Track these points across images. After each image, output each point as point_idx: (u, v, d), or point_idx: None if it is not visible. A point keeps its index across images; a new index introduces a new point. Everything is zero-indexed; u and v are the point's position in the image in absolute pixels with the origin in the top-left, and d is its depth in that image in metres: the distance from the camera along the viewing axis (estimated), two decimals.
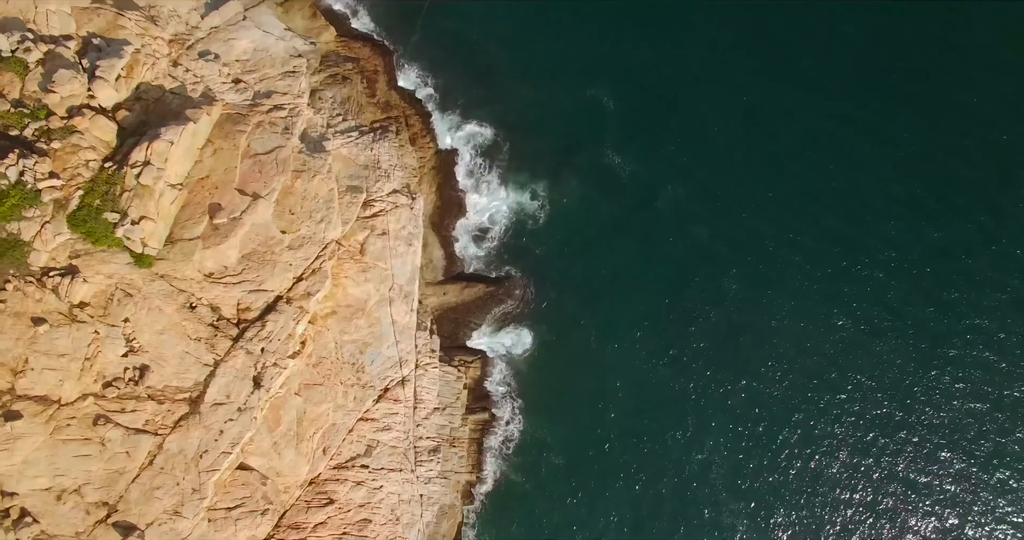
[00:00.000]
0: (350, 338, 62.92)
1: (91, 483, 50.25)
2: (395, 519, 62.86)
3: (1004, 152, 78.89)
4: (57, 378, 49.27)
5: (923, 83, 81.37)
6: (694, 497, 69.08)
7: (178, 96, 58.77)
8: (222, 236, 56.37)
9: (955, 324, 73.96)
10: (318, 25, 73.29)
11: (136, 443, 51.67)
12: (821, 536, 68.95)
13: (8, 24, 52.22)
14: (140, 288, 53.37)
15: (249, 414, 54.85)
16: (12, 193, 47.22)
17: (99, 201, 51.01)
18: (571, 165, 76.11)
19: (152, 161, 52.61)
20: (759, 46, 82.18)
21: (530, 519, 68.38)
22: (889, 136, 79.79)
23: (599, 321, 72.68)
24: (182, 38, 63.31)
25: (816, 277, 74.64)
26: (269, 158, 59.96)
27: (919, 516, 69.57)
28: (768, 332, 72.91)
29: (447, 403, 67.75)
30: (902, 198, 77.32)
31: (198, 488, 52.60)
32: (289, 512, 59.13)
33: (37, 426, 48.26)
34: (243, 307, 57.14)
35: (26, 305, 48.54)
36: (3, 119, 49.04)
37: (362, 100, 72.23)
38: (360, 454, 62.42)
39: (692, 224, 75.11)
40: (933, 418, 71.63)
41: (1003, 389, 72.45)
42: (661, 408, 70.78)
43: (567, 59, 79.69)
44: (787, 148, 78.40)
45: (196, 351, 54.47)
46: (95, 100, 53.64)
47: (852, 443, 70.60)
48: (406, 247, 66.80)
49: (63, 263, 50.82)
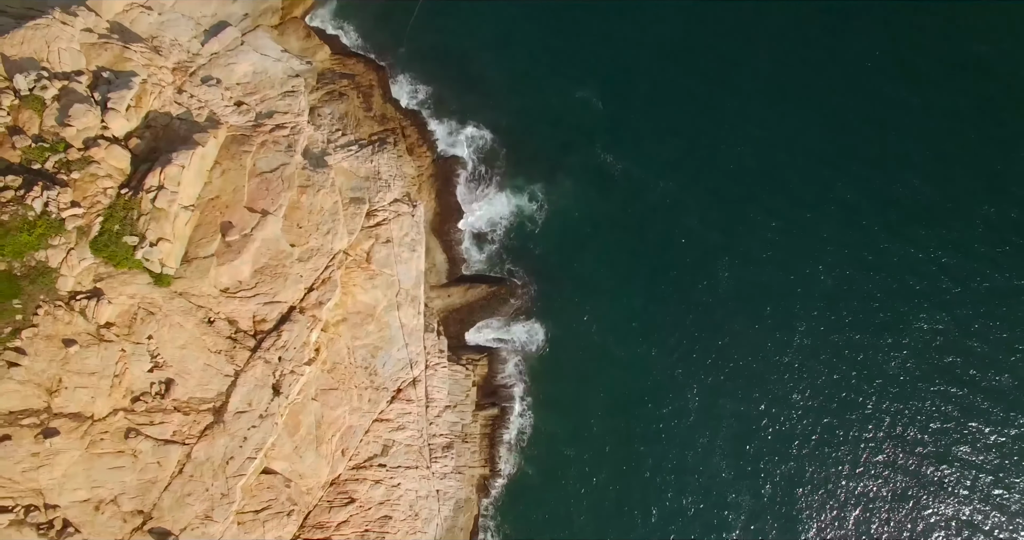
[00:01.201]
0: (361, 343, 63.99)
1: (126, 493, 51.41)
2: (414, 515, 64.17)
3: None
4: (89, 395, 50.42)
5: (901, 77, 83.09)
6: (699, 478, 70.29)
7: (185, 121, 59.89)
8: (235, 252, 57.33)
9: (948, 306, 75.27)
10: (313, 45, 74.44)
11: (166, 453, 52.87)
12: (821, 510, 69.98)
13: (24, 64, 53.59)
14: (161, 306, 54.44)
15: (270, 420, 56.12)
16: (39, 223, 48.65)
17: (118, 226, 52.34)
18: (564, 166, 77.26)
19: (166, 185, 53.92)
20: (741, 41, 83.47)
21: (544, 508, 69.47)
22: (873, 119, 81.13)
23: (600, 314, 73.79)
24: (185, 65, 64.35)
25: (807, 261, 75.93)
26: (275, 175, 61.08)
27: (921, 496, 70.77)
28: (763, 317, 74.16)
29: (457, 401, 68.99)
30: (886, 179, 78.79)
31: (226, 493, 53.80)
32: (313, 512, 60.39)
33: (73, 441, 49.52)
34: (259, 319, 58.25)
35: (57, 328, 49.66)
36: (26, 154, 50.38)
37: (359, 114, 73.30)
38: (377, 454, 63.67)
39: (683, 215, 76.41)
40: (929, 397, 72.77)
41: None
42: (664, 395, 72.00)
43: (554, 63, 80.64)
44: (772, 139, 79.62)
45: (217, 363, 55.65)
46: (109, 130, 54.81)
47: (850, 421, 71.84)
48: (410, 253, 68.01)
49: (88, 286, 52.01)
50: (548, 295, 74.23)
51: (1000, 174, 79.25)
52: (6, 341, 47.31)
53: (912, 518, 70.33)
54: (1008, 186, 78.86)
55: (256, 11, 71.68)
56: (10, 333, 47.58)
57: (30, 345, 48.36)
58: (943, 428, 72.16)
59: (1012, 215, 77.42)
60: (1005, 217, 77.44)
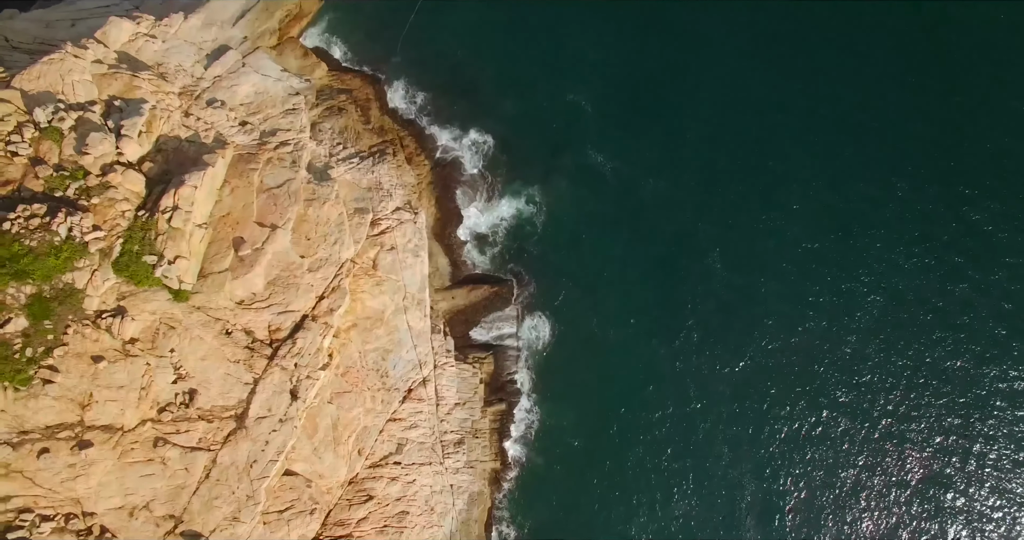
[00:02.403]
0: (372, 347, 65.36)
1: (157, 499, 52.48)
2: (430, 509, 65.58)
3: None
4: (119, 408, 51.54)
5: (895, 69, 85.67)
6: (702, 461, 72.19)
7: (193, 143, 60.92)
8: (248, 266, 58.42)
9: (940, 293, 77.56)
10: (310, 63, 75.56)
11: (193, 460, 53.99)
12: (820, 489, 72.02)
13: (42, 97, 54.77)
14: (181, 321, 55.53)
15: (290, 424, 57.20)
16: (64, 247, 49.94)
17: (138, 246, 53.52)
18: (558, 167, 78.90)
19: (180, 205, 55.08)
20: (721, 41, 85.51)
21: (554, 498, 71.07)
22: (859, 110, 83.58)
23: (599, 309, 75.40)
24: (190, 90, 65.37)
25: (795, 251, 78.04)
26: (281, 191, 62.20)
27: (919, 476, 72.77)
28: (755, 305, 76.11)
29: (466, 398, 70.37)
30: (874, 172, 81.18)
31: (251, 495, 54.90)
32: (333, 510, 61.63)
33: (106, 452, 50.65)
34: (274, 328, 59.39)
35: (86, 345, 50.80)
36: (48, 182, 51.72)
37: (358, 128, 74.62)
38: (392, 452, 65.04)
39: (675, 210, 78.21)
40: (926, 378, 74.95)
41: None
42: (665, 384, 73.66)
43: (542, 69, 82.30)
44: (757, 135, 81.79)
45: (236, 372, 56.87)
46: (123, 156, 55.98)
47: (844, 402, 73.79)
48: (414, 258, 69.38)
49: (112, 305, 53.11)
50: (548, 293, 75.70)
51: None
52: (40, 360, 48.63)
53: (913, 499, 72.29)
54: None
55: (255, 34, 72.54)
56: (43, 352, 48.86)
57: (62, 363, 49.60)
58: (941, 415, 74.06)
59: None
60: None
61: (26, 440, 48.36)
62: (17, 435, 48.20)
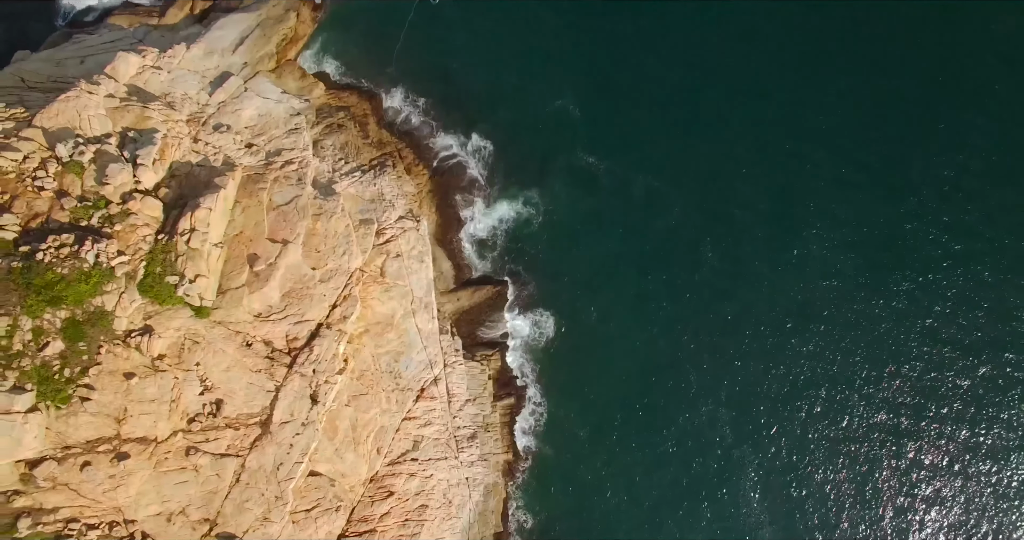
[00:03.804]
0: (384, 350, 67.36)
1: (192, 504, 54.63)
2: (448, 502, 68.03)
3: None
4: (151, 421, 53.61)
5: (867, 68, 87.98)
6: (705, 443, 74.86)
7: (204, 167, 62.58)
8: (263, 281, 60.26)
9: (923, 277, 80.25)
10: (308, 83, 77.18)
11: (223, 466, 56.15)
12: (818, 465, 74.78)
13: (62, 134, 56.84)
14: (204, 336, 57.55)
15: (312, 427, 59.22)
16: (93, 273, 52.12)
17: (160, 268, 55.55)
18: (552, 170, 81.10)
19: (196, 227, 57.00)
20: (698, 39, 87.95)
21: (566, 485, 73.58)
22: (841, 105, 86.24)
23: (599, 302, 77.83)
24: (197, 116, 66.99)
25: (783, 237, 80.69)
26: (290, 207, 63.81)
27: (910, 450, 75.83)
28: (748, 292, 78.76)
29: (476, 394, 72.52)
30: (856, 162, 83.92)
31: (280, 496, 57.04)
32: (357, 507, 63.96)
33: (143, 462, 52.79)
34: (291, 338, 61.23)
35: (118, 364, 52.90)
36: (73, 213, 54.04)
37: (358, 142, 76.29)
38: (409, 449, 67.35)
39: (666, 205, 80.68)
40: (925, 357, 77.95)
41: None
42: (665, 371, 76.19)
43: (530, 77, 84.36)
44: (741, 127, 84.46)
45: (259, 381, 58.85)
46: (141, 184, 58.05)
47: (840, 381, 76.78)
48: (419, 264, 71.30)
49: (139, 324, 55.09)
50: (549, 290, 78.07)
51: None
52: (77, 379, 51.03)
53: (921, 487, 75.40)
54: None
55: (254, 59, 74.32)
56: (80, 372, 51.23)
57: (97, 381, 51.83)
58: (947, 398, 77.16)
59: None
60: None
61: (69, 455, 50.74)
62: (61, 450, 50.58)
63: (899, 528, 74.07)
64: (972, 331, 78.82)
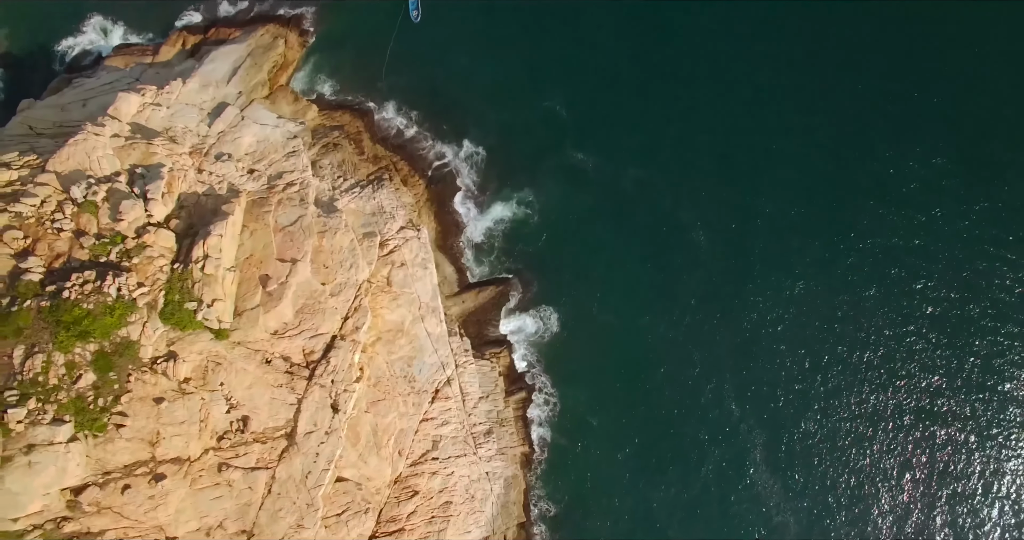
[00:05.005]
0: (397, 356, 69.38)
1: (229, 517, 56.81)
2: (471, 497, 70.14)
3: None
4: (183, 441, 55.71)
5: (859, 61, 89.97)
6: (711, 417, 77.37)
7: (210, 196, 64.56)
8: (276, 299, 62.27)
9: (927, 248, 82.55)
10: (302, 106, 78.86)
11: (254, 479, 58.30)
12: (820, 437, 77.10)
13: (74, 176, 59.11)
14: (225, 356, 59.54)
15: (335, 435, 61.32)
16: (117, 306, 54.39)
17: (179, 296, 57.72)
18: (543, 169, 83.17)
19: (209, 254, 59.00)
20: (673, 36, 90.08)
21: (581, 471, 75.86)
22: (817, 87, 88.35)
23: (599, 293, 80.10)
24: (199, 148, 68.83)
25: (773, 218, 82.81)
26: (295, 227, 65.65)
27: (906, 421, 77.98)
28: (741, 271, 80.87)
29: (489, 391, 74.54)
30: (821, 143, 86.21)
31: (311, 503, 59.09)
32: (384, 509, 66.22)
33: (179, 482, 54.95)
34: (308, 352, 63.18)
35: (147, 390, 55.00)
36: (92, 251, 56.33)
37: (354, 159, 78.17)
38: (429, 449, 69.43)
39: (656, 195, 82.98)
40: (920, 328, 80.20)
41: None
42: (667, 355, 78.50)
43: (516, 81, 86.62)
44: (723, 115, 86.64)
45: (281, 395, 60.83)
46: (152, 217, 60.16)
47: (839, 353, 79.10)
48: (423, 271, 73.18)
49: (164, 351, 57.09)
50: (550, 285, 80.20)
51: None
52: (111, 408, 53.40)
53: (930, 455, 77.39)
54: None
55: (248, 88, 76.21)
56: (112, 400, 53.62)
57: (129, 407, 54.10)
58: (938, 371, 79.34)
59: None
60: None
61: (110, 479, 53.09)
62: (102, 476, 52.95)
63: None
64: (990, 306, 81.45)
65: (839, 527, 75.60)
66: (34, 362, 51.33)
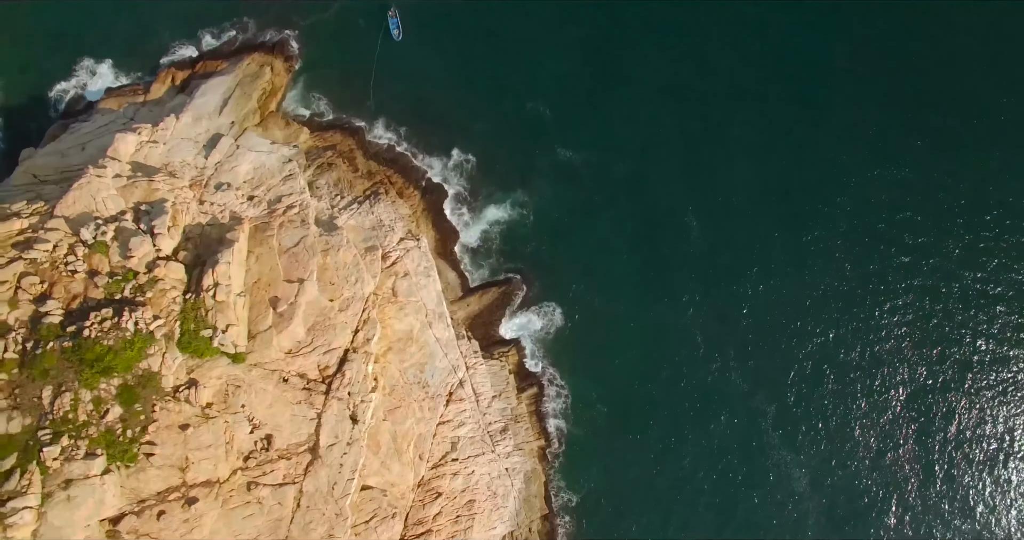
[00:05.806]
0: (409, 364, 70.80)
1: (262, 534, 58.07)
2: (493, 494, 71.84)
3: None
4: (211, 464, 56.95)
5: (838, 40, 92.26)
6: (719, 397, 79.63)
7: (214, 226, 65.83)
8: (287, 320, 63.33)
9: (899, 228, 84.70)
10: (293, 130, 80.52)
11: (283, 495, 59.32)
12: (832, 408, 79.50)
13: (82, 218, 60.57)
14: (243, 379, 60.48)
15: (356, 445, 62.64)
16: (136, 340, 55.88)
17: (193, 325, 59.25)
18: (534, 169, 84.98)
19: (219, 281, 60.43)
20: (645, 32, 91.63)
21: (599, 460, 78.10)
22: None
23: (598, 285, 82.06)
24: (198, 180, 70.13)
25: (763, 196, 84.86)
26: (299, 248, 66.76)
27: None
28: (733, 253, 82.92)
29: (501, 389, 76.21)
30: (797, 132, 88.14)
31: (339, 513, 60.52)
32: (411, 512, 67.84)
33: (211, 503, 56.31)
34: (323, 367, 64.51)
35: (172, 418, 56.39)
36: (107, 289, 57.96)
37: (349, 177, 79.62)
38: (448, 451, 71.11)
39: (646, 185, 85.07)
40: (916, 302, 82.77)
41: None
42: (669, 338, 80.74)
43: (499, 87, 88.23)
44: (705, 103, 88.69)
45: (301, 411, 62.14)
46: (161, 251, 61.47)
47: (839, 330, 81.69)
48: (426, 279, 74.52)
49: (184, 379, 58.44)
50: (551, 281, 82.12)
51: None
52: (139, 438, 55.10)
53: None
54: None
55: (240, 117, 77.72)
56: (140, 431, 55.26)
57: (157, 436, 55.63)
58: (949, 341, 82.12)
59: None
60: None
61: (145, 507, 54.69)
62: (137, 504, 54.59)
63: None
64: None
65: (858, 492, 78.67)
66: (63, 401, 53.00)
